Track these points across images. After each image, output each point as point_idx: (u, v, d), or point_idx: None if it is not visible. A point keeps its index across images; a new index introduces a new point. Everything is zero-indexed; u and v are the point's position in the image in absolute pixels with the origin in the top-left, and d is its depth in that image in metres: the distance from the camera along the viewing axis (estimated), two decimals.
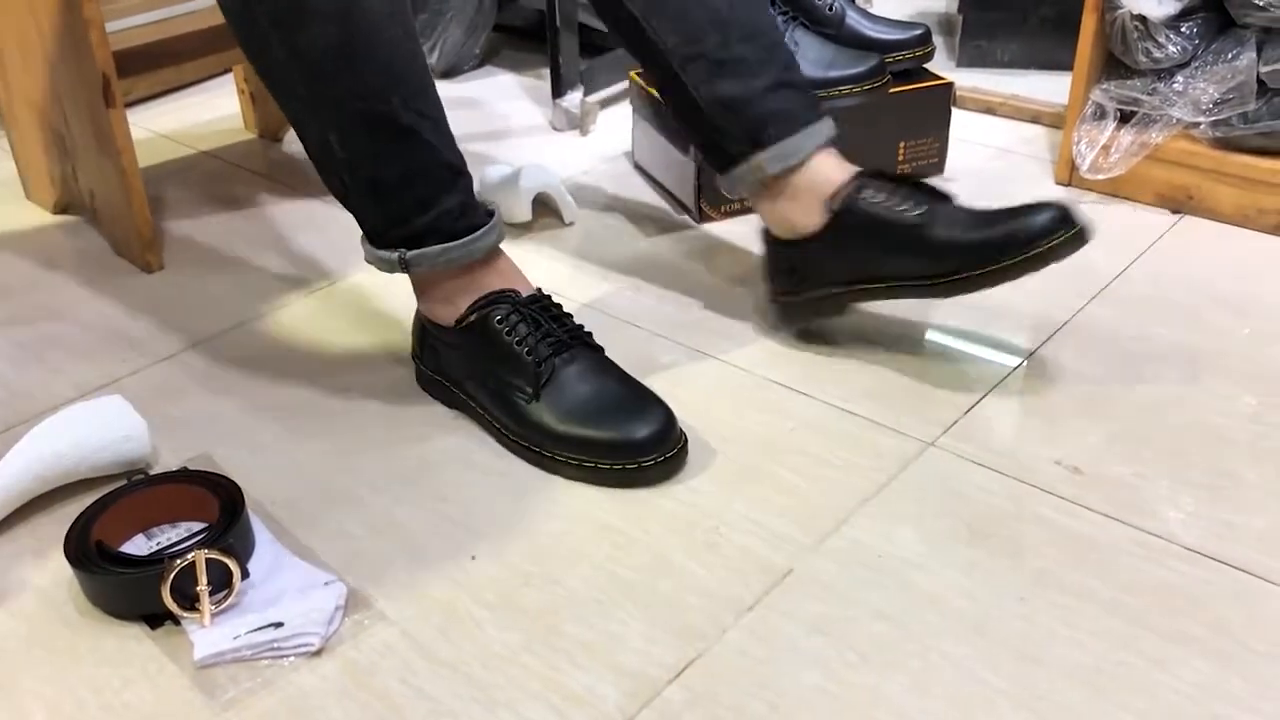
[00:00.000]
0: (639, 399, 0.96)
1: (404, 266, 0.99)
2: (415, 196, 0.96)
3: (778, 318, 1.16)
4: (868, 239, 1.02)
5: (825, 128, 1.07)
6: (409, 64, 0.93)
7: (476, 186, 1.03)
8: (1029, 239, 0.97)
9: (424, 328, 1.05)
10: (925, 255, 1.01)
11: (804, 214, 1.06)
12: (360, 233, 1.02)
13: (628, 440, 0.93)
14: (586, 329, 1.02)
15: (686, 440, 0.96)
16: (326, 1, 0.87)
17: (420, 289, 1.03)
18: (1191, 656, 0.76)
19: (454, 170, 0.98)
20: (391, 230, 0.98)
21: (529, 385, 0.96)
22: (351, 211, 1.00)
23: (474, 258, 0.99)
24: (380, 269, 1.01)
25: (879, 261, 1.03)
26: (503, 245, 1.03)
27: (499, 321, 0.98)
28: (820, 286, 1.08)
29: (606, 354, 1.01)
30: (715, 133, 1.07)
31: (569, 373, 0.97)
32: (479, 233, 0.99)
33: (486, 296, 0.99)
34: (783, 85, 1.06)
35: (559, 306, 1.02)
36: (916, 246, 1.01)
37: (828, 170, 1.06)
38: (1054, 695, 0.74)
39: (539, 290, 1.02)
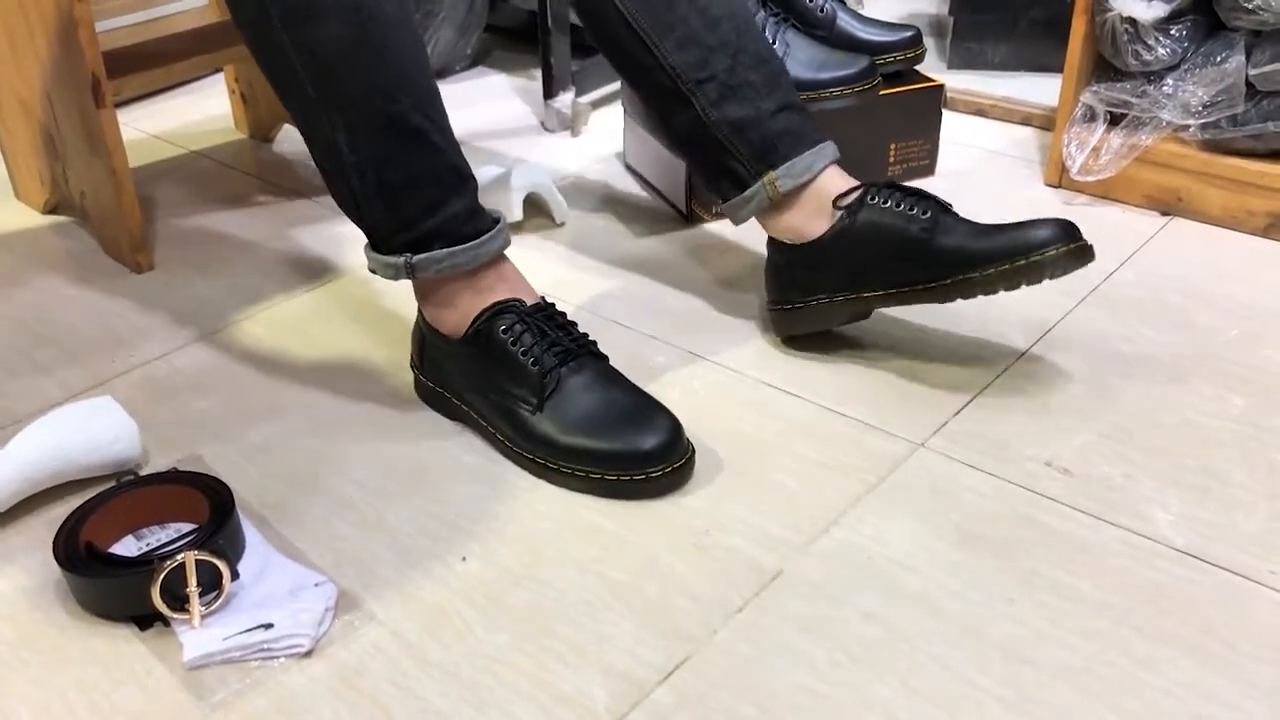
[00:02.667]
0: (645, 409, 0.95)
1: (409, 271, 0.97)
2: (423, 199, 0.96)
3: (778, 326, 1.14)
4: (873, 243, 1.04)
5: (830, 147, 1.10)
6: (417, 67, 0.93)
7: None
8: (1031, 247, 0.98)
9: (424, 338, 1.04)
10: (929, 260, 1.02)
11: (810, 220, 1.08)
12: (365, 240, 1.01)
13: (633, 451, 0.92)
14: (592, 338, 1.01)
15: (694, 451, 0.95)
16: None
17: (424, 295, 1.02)
18: (1179, 657, 0.77)
19: (461, 175, 0.98)
20: (398, 235, 0.97)
21: (533, 396, 0.95)
22: (358, 218, 0.98)
23: (479, 262, 0.98)
24: (384, 275, 1.00)
25: (883, 265, 1.04)
26: None
27: (504, 331, 0.97)
28: (823, 292, 1.08)
29: (611, 363, 1.00)
30: (724, 154, 1.09)
31: (574, 383, 0.95)
32: (485, 237, 0.98)
33: (492, 306, 0.98)
34: (787, 108, 1.08)
35: (564, 315, 1.01)
36: (921, 251, 1.02)
37: (837, 183, 1.08)
38: (1042, 696, 0.74)
39: (544, 299, 1.01)
